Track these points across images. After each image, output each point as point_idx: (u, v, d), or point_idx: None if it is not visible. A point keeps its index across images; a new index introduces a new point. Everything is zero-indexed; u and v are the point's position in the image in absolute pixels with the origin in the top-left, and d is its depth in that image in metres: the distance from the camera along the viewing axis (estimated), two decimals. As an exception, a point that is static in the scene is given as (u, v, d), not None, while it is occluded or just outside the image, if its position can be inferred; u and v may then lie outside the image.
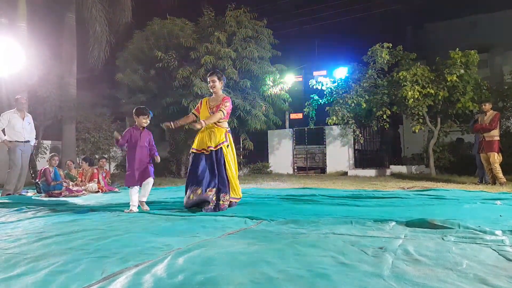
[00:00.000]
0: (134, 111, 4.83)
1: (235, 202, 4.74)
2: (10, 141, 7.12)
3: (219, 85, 4.91)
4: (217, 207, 4.36)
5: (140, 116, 4.76)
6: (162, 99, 13.37)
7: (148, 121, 4.85)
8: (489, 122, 7.96)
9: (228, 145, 4.79)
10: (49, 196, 6.88)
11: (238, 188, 4.77)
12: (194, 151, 4.75)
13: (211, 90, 4.98)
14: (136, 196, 4.58)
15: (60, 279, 1.80)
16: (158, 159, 4.98)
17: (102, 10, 12.94)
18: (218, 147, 4.65)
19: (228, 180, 4.60)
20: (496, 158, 7.78)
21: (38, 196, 7.05)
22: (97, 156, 11.88)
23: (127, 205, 4.72)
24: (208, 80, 4.95)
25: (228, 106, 4.83)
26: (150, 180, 4.77)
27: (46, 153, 12.17)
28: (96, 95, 17.46)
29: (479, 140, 8.14)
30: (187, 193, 4.53)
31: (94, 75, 17.94)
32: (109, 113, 14.67)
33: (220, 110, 4.72)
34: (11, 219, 3.92)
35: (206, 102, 5.00)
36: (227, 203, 4.51)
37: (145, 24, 14.23)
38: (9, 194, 6.96)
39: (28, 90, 10.95)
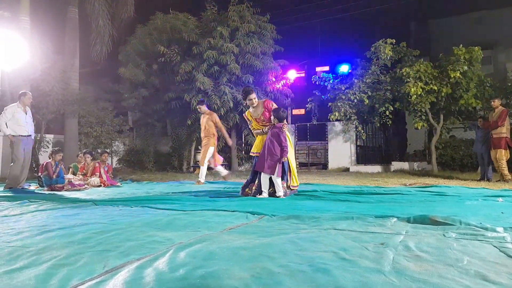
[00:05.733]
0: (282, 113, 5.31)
1: (296, 189, 5.45)
2: (13, 136, 7.13)
3: (255, 99, 5.50)
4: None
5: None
6: (164, 94, 13.38)
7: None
8: (496, 119, 7.88)
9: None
10: (51, 190, 6.90)
11: (296, 177, 5.50)
12: (256, 154, 5.43)
13: (252, 106, 5.52)
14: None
15: (62, 272, 1.80)
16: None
17: (105, 4, 12.91)
18: None
19: (290, 170, 5.34)
20: (502, 155, 7.74)
21: (41, 190, 7.07)
22: (99, 150, 11.90)
23: (129, 199, 4.75)
24: (247, 101, 5.50)
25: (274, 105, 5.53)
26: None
27: (48, 147, 12.18)
28: (99, 89, 17.45)
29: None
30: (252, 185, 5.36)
31: (97, 69, 17.95)
32: (112, 107, 14.66)
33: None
34: (14, 212, 3.93)
35: (251, 116, 5.57)
36: (288, 191, 5.28)
37: (147, 19, 14.22)
38: (12, 187, 6.98)
39: (30, 84, 10.95)
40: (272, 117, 5.26)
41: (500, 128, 7.83)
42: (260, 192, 5.23)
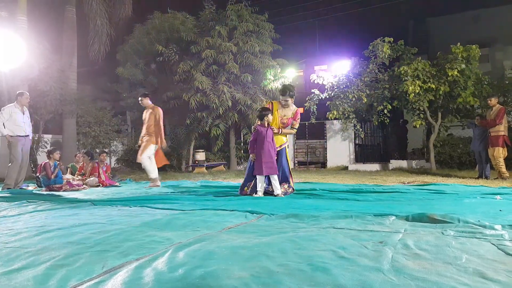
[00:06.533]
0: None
1: (293, 189, 5.50)
2: (11, 136, 7.12)
3: (291, 102, 5.55)
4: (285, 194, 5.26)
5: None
6: (163, 93, 13.37)
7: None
8: (494, 117, 7.92)
9: (288, 145, 5.69)
10: (50, 190, 6.89)
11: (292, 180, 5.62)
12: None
13: (284, 105, 5.53)
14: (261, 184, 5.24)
15: (61, 273, 1.80)
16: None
17: (103, 4, 12.89)
18: (282, 147, 5.48)
19: (289, 172, 5.47)
20: (500, 152, 7.78)
21: (39, 190, 7.06)
22: (97, 150, 11.89)
23: (128, 199, 4.75)
24: (281, 99, 5.52)
25: (299, 120, 5.67)
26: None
27: (46, 147, 12.17)
28: (97, 89, 17.42)
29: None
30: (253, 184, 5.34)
31: (95, 69, 17.91)
32: (110, 107, 14.65)
33: (294, 128, 5.64)
34: (12, 213, 3.92)
35: (278, 109, 5.57)
36: (289, 190, 5.38)
37: (146, 18, 14.21)
38: (10, 188, 6.97)
39: (28, 84, 10.92)
40: (267, 118, 5.27)
41: (498, 126, 7.85)
42: (256, 192, 5.25)
